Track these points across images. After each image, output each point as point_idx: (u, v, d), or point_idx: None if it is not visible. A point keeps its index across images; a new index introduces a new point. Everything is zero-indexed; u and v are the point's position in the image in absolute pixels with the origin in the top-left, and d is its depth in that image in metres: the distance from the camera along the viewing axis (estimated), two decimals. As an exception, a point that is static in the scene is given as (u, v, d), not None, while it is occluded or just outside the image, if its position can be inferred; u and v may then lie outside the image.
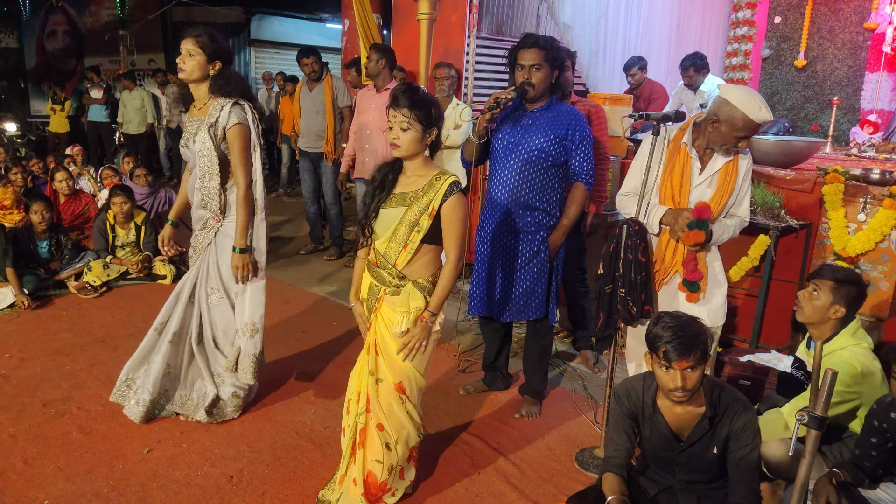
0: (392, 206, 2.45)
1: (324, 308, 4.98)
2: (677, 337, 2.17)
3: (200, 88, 3.07)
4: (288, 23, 14.10)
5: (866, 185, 3.69)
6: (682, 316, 2.25)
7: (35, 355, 3.96)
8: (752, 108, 2.58)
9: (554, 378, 3.89)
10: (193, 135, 3.06)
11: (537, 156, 3.14)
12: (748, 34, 7.85)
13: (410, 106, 2.36)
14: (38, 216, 5.14)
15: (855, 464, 2.43)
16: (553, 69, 3.12)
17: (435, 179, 2.42)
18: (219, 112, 3.02)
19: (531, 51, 3.07)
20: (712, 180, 2.76)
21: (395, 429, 2.50)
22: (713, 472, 2.34)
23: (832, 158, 5.21)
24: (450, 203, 2.39)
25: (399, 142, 2.38)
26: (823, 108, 7.55)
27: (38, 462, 2.87)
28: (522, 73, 3.09)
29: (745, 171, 2.78)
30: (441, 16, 6.17)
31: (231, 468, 2.89)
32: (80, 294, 5.04)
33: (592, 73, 7.23)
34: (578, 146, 3.18)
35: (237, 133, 3.01)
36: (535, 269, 3.26)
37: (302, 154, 6.24)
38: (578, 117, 3.20)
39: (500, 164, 3.21)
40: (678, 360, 2.17)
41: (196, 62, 2.99)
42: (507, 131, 3.20)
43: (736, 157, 2.75)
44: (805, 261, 3.97)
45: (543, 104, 3.18)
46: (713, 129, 2.69)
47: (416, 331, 2.44)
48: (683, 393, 2.21)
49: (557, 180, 3.23)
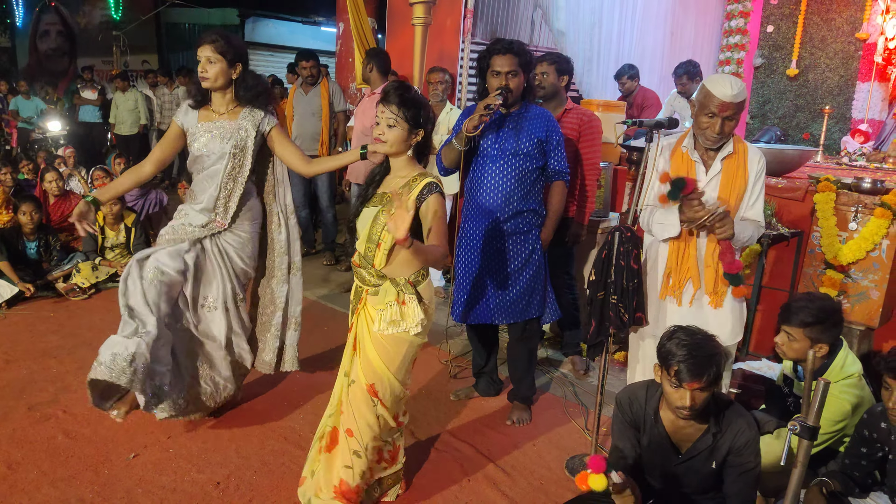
0: (371, 206, 2.46)
1: (315, 312, 4.95)
2: (691, 357, 2.10)
3: (225, 94, 3.05)
4: (282, 25, 14.09)
5: (858, 194, 3.70)
6: (698, 333, 2.18)
7: (21, 357, 3.91)
8: (717, 84, 2.56)
9: (544, 384, 3.88)
10: (217, 138, 3.02)
11: (524, 159, 3.19)
12: (741, 43, 7.88)
13: (399, 104, 2.36)
14: (26, 216, 5.10)
15: (845, 473, 2.43)
16: (526, 73, 3.16)
17: (412, 180, 2.41)
18: (253, 118, 3.05)
19: (506, 57, 3.09)
20: (715, 181, 2.69)
21: (364, 434, 2.48)
22: (707, 485, 2.31)
23: (823, 167, 5.23)
24: (427, 203, 2.37)
25: (384, 137, 2.39)
26: (815, 117, 7.58)
27: (21, 467, 2.83)
28: (499, 80, 3.10)
29: (755, 171, 2.68)
30: (436, 21, 6.17)
31: (218, 474, 2.86)
32: (69, 296, 5.00)
33: (586, 79, 7.24)
34: (556, 147, 3.27)
35: (280, 131, 3.12)
36: (534, 268, 3.27)
37: None
38: (552, 119, 3.28)
39: (487, 168, 3.21)
40: (689, 381, 2.10)
41: (218, 69, 2.96)
42: (492, 136, 3.21)
43: (739, 155, 2.66)
44: (796, 269, 3.98)
45: (520, 107, 3.22)
46: (694, 118, 2.68)
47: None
48: (690, 412, 2.16)
49: (540, 181, 3.31)
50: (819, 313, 2.56)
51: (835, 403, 2.53)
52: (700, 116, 2.62)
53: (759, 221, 2.70)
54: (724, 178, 2.67)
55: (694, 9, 7.95)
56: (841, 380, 2.59)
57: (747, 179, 2.66)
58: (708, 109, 2.58)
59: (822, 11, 7.59)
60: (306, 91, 6.01)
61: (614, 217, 4.40)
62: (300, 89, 6.07)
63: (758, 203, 2.71)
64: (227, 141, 3.02)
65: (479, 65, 3.21)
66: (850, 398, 2.55)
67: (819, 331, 2.56)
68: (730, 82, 2.54)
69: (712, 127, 2.59)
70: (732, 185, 2.66)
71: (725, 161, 2.67)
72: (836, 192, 3.74)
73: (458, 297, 3.39)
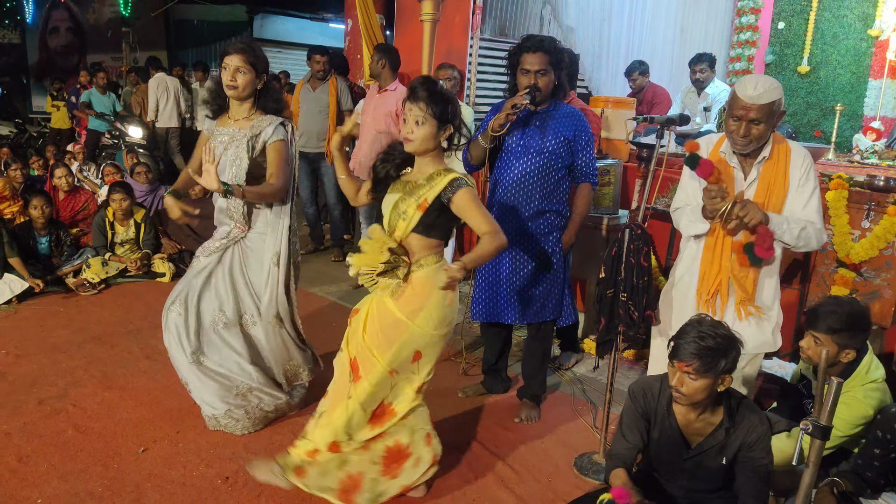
0: (394, 192, 2.48)
1: (323, 308, 4.95)
2: (693, 340, 2.12)
3: (245, 102, 3.05)
4: (291, 22, 14.09)
5: (870, 192, 3.66)
6: (721, 328, 2.16)
7: (31, 352, 3.93)
8: (742, 85, 2.44)
9: (553, 382, 3.87)
10: (227, 144, 3.04)
11: (549, 157, 3.14)
12: (751, 39, 7.84)
13: (427, 100, 2.33)
14: (37, 211, 5.12)
15: (857, 473, 2.41)
16: (557, 71, 3.10)
17: (436, 174, 2.41)
18: (263, 127, 3.01)
19: (536, 55, 3.04)
20: (752, 188, 2.57)
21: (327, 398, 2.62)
22: (717, 482, 2.31)
23: (835, 165, 5.19)
24: (457, 197, 2.37)
25: (412, 136, 2.37)
26: (826, 115, 7.51)
27: (31, 460, 2.85)
28: (528, 78, 3.05)
29: (800, 172, 2.51)
30: (444, 17, 6.15)
31: (226, 468, 2.86)
32: (79, 291, 5.02)
33: (595, 75, 7.22)
34: (585, 147, 3.19)
35: (278, 147, 3.03)
36: (551, 270, 3.25)
37: (300, 155, 6.19)
38: (582, 118, 3.21)
39: (511, 166, 3.19)
40: (678, 360, 2.14)
41: (248, 79, 2.96)
42: (518, 134, 3.17)
43: (780, 158, 2.53)
44: (808, 267, 3.95)
45: (549, 105, 3.18)
46: (724, 122, 2.56)
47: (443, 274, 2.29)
48: (678, 395, 2.18)
49: (566, 181, 3.24)
50: (848, 319, 2.48)
51: (858, 407, 2.50)
52: (728, 119, 2.51)
53: (816, 223, 2.50)
54: (760, 183, 2.54)
55: (704, 5, 7.91)
56: (866, 383, 2.55)
57: (787, 184, 2.52)
58: (733, 112, 2.46)
59: (834, 8, 7.52)
60: (314, 87, 5.97)
61: (624, 214, 4.38)
62: (307, 85, 6.02)
63: (811, 203, 2.52)
64: (234, 146, 3.02)
65: (509, 61, 3.15)
66: (874, 402, 2.51)
67: (847, 337, 2.49)
68: (755, 83, 2.40)
69: (737, 130, 2.46)
70: (770, 190, 2.52)
71: (763, 166, 2.54)
72: (849, 189, 3.71)
73: (476, 294, 3.38)
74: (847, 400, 2.48)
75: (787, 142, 2.59)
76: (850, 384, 2.54)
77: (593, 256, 4.19)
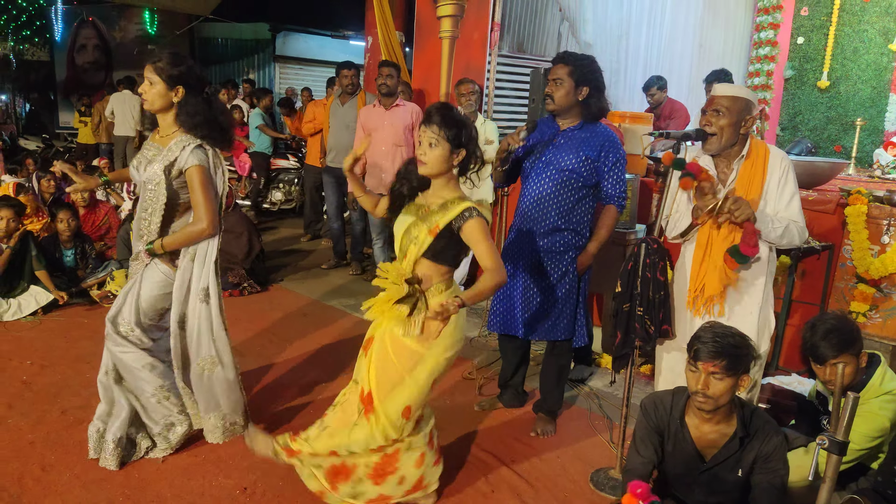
0: (408, 214, 2.51)
1: (342, 321, 4.99)
2: (713, 340, 2.16)
3: (166, 117, 2.82)
4: (312, 40, 14.29)
5: (890, 207, 3.64)
6: (733, 329, 2.23)
7: (56, 363, 4.01)
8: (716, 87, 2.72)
9: (569, 396, 3.86)
10: (148, 162, 2.81)
11: (568, 176, 3.15)
12: (770, 54, 7.82)
13: (441, 123, 2.38)
14: (63, 224, 5.23)
15: (876, 491, 2.38)
16: (579, 86, 3.11)
17: (451, 202, 2.44)
18: (179, 151, 2.76)
19: (557, 66, 3.13)
20: (732, 187, 2.68)
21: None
22: (733, 496, 2.30)
23: (855, 180, 5.15)
24: (467, 227, 2.40)
25: (425, 158, 2.41)
26: (846, 130, 7.46)
27: (55, 469, 2.90)
28: (548, 87, 3.14)
29: (779, 171, 2.64)
30: (463, 34, 6.21)
31: (245, 479, 2.89)
32: (103, 303, 5.10)
33: (613, 91, 7.22)
34: (612, 168, 3.17)
35: (196, 172, 2.75)
36: (564, 290, 3.25)
37: (328, 169, 6.23)
38: (613, 139, 3.19)
39: (531, 182, 3.23)
40: (704, 362, 2.15)
41: (156, 91, 2.73)
42: (540, 150, 3.21)
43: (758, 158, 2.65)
44: (827, 283, 3.91)
45: (576, 124, 3.19)
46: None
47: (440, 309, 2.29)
48: (705, 399, 2.17)
49: (588, 201, 3.23)
50: (840, 328, 2.55)
51: (874, 419, 2.50)
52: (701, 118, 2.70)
53: (798, 221, 2.64)
54: (739, 182, 2.66)
55: (723, 20, 7.91)
56: (881, 395, 2.55)
57: (765, 181, 2.64)
58: (704, 108, 2.68)
59: (854, 22, 7.49)
60: (343, 102, 6.03)
61: (641, 229, 4.38)
62: (337, 100, 6.10)
63: (793, 203, 2.66)
64: (153, 166, 2.78)
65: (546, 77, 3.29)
66: (890, 414, 2.51)
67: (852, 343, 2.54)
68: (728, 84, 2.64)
69: (706, 123, 2.64)
70: (749, 187, 2.64)
71: (742, 164, 2.67)
72: (868, 204, 3.69)
73: (493, 305, 3.40)
74: (862, 413, 2.47)
75: (767, 145, 2.72)
76: (865, 397, 2.54)
77: (610, 271, 4.19)
